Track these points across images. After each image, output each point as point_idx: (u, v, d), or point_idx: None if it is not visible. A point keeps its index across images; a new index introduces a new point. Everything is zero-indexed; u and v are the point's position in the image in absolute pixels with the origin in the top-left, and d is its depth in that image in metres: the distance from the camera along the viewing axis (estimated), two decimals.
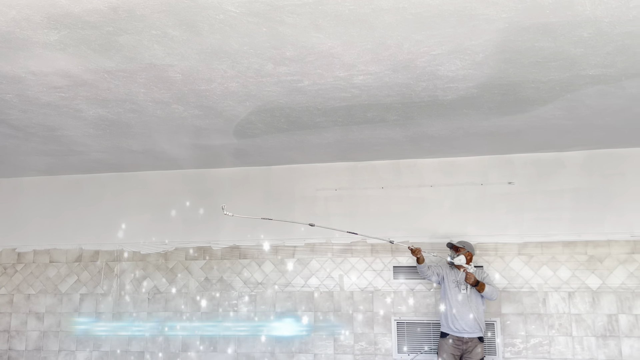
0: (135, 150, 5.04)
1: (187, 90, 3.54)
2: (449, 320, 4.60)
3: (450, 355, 4.55)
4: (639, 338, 4.73)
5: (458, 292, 4.61)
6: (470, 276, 4.54)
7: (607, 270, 4.89)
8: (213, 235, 5.75)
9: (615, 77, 3.39)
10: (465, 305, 4.57)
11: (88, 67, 3.14)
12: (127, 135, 4.55)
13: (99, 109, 3.87)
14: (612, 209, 4.99)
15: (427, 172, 5.40)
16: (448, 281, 4.70)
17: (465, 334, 4.54)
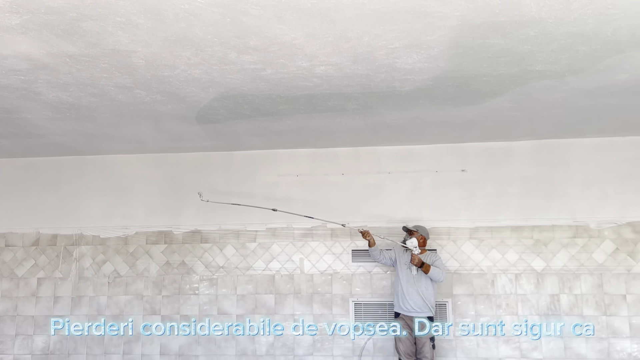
0: (95, 134, 5.01)
1: (150, 76, 3.57)
2: (400, 300, 4.82)
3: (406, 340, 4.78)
4: (578, 316, 5.07)
5: (408, 274, 4.83)
6: (415, 257, 4.74)
7: (551, 254, 5.21)
8: (174, 219, 5.78)
9: (560, 73, 3.62)
10: (413, 286, 4.79)
11: (50, 51, 3.13)
12: (87, 119, 4.52)
13: (59, 92, 3.84)
14: (556, 195, 5.29)
15: (385, 160, 5.57)
16: (400, 263, 4.91)
17: (414, 314, 4.77)
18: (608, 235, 5.14)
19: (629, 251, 5.09)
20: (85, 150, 5.68)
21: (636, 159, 5.21)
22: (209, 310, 5.54)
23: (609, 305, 5.03)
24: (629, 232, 5.12)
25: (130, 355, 5.55)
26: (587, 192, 5.24)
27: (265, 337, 5.41)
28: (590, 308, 5.06)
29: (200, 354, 5.47)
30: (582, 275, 5.11)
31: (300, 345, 5.35)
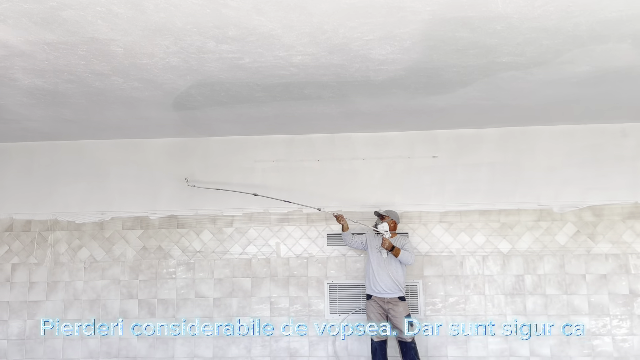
0: (70, 119, 5.00)
1: (128, 64, 3.61)
2: (371, 283, 5.00)
3: (377, 314, 4.96)
4: (541, 295, 5.35)
5: (379, 257, 5.01)
6: (385, 241, 4.93)
7: (517, 236, 5.45)
8: (150, 205, 5.83)
9: (525, 65, 3.80)
10: (384, 268, 4.98)
11: (28, 38, 3.14)
12: (62, 104, 4.52)
13: (35, 79, 3.85)
14: (522, 181, 5.53)
15: (359, 146, 5.71)
16: (371, 247, 5.08)
17: (386, 295, 4.96)
18: (570, 219, 5.40)
19: (589, 233, 5.36)
20: (59, 136, 5.65)
21: (597, 145, 5.47)
22: (187, 294, 5.63)
23: (569, 284, 5.32)
24: (589, 215, 5.39)
25: (107, 339, 5.61)
26: (551, 177, 5.48)
27: (242, 318, 5.53)
28: (552, 287, 5.33)
29: (178, 336, 5.57)
30: (545, 256, 5.38)
31: (276, 327, 5.50)
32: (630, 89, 4.39)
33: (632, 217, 5.34)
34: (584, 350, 5.21)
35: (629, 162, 5.42)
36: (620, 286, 5.26)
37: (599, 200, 5.40)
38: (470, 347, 5.32)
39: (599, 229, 5.35)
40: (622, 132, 5.48)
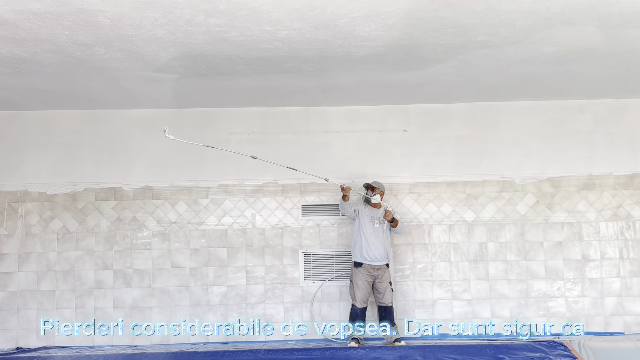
0: (43, 89, 4.92)
1: (113, 35, 3.60)
2: (364, 251, 5.20)
3: (365, 282, 5.18)
4: (502, 261, 5.71)
5: (372, 226, 5.22)
6: (389, 214, 5.16)
7: (481, 206, 5.77)
8: (124, 176, 5.82)
9: (498, 44, 4.02)
10: (377, 237, 5.21)
11: (14, 7, 3.10)
12: (37, 74, 4.46)
13: (14, 47, 3.79)
14: (487, 154, 5.82)
15: (333, 119, 5.85)
16: (363, 216, 5.27)
17: (377, 262, 5.20)
18: (530, 190, 5.76)
19: (547, 203, 5.74)
20: (29, 106, 5.54)
21: (557, 121, 5.81)
22: (162, 264, 5.71)
23: (528, 251, 5.70)
24: (548, 186, 5.76)
25: (83, 309, 5.65)
26: (514, 150, 5.80)
27: (218, 287, 5.68)
28: (512, 254, 5.70)
29: (155, 305, 5.67)
30: (507, 225, 5.73)
31: (252, 294, 5.68)
32: (590, 69, 4.72)
33: (586, 189, 5.74)
34: (539, 311, 5.64)
35: (585, 136, 5.79)
36: (574, 252, 5.68)
37: (557, 172, 5.76)
38: (437, 310, 5.66)
39: (556, 199, 5.73)
40: (580, 109, 5.83)
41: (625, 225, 5.70)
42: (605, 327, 5.61)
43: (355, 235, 5.31)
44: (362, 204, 5.36)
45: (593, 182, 5.74)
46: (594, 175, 5.75)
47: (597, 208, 5.72)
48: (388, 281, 5.21)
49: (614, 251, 5.68)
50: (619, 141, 5.77)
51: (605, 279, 5.66)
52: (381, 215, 5.27)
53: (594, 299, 5.64)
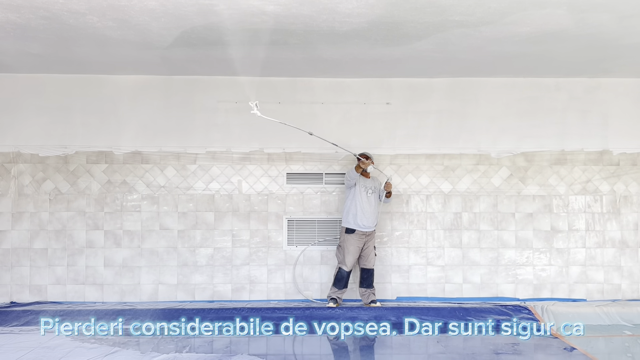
0: (36, 53, 5.04)
1: (106, 5, 3.74)
2: (357, 219, 5.46)
3: (356, 248, 5.48)
4: (475, 230, 6.02)
5: (366, 196, 5.49)
6: (389, 185, 5.47)
7: (457, 178, 6.04)
8: (114, 140, 5.99)
9: (475, 24, 4.21)
10: (370, 206, 5.49)
11: None
12: (31, 39, 4.58)
13: (9, 13, 3.91)
14: (465, 128, 6.06)
15: (319, 91, 6.03)
16: (359, 186, 5.52)
17: (368, 229, 5.51)
18: (505, 163, 6.03)
19: (521, 177, 6.02)
20: (22, 69, 5.65)
21: (533, 98, 6.04)
22: (151, 226, 5.95)
23: (500, 221, 6.01)
24: (522, 160, 6.03)
25: (74, 267, 5.90)
26: (491, 125, 6.04)
27: (205, 249, 5.94)
28: (485, 224, 6.01)
29: (144, 265, 5.93)
30: (482, 196, 6.02)
31: (237, 257, 5.96)
32: (563, 49, 4.93)
33: (558, 163, 6.02)
34: (508, 278, 5.98)
35: (560, 113, 6.04)
36: (544, 223, 6.00)
37: (531, 147, 6.02)
38: (412, 275, 5.98)
39: (529, 173, 6.02)
40: (556, 86, 6.06)
41: (592, 199, 6.01)
42: (569, 293, 5.98)
43: (349, 203, 5.55)
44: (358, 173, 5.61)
45: (565, 158, 6.02)
46: (566, 151, 6.03)
47: (568, 182, 6.02)
48: (373, 246, 5.54)
49: (581, 223, 6.00)
50: (591, 119, 6.03)
51: (572, 249, 6.00)
52: (375, 185, 5.54)
53: (559, 267, 5.99)
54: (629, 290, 5.97)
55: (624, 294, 5.96)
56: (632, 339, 4.74)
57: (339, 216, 5.94)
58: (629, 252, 5.99)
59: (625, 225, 6.00)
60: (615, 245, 5.99)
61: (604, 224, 6.00)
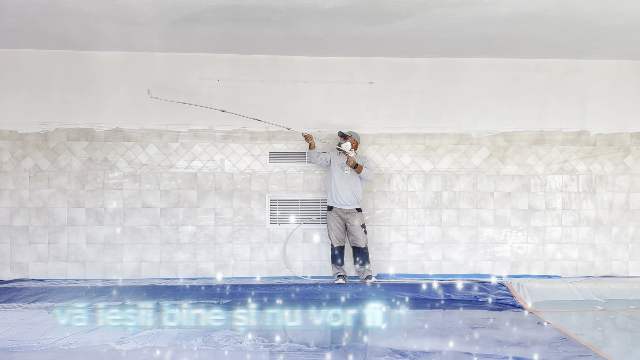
0: (13, 27, 4.94)
1: None
2: (334, 196, 5.56)
3: (337, 224, 5.58)
4: (455, 209, 6.13)
5: (341, 173, 5.54)
6: (350, 159, 5.47)
7: (438, 157, 6.12)
8: (95, 117, 5.93)
9: (457, 3, 4.23)
10: (345, 183, 5.54)
11: None
12: (8, 13, 4.49)
13: None
14: (447, 108, 6.11)
15: (302, 69, 6.02)
16: (334, 164, 5.59)
17: (346, 206, 5.57)
18: (485, 143, 6.11)
19: (500, 156, 6.12)
20: None
21: (513, 78, 6.11)
22: (133, 204, 5.94)
23: (479, 200, 6.12)
24: (501, 140, 6.12)
25: (56, 245, 5.89)
26: (472, 105, 6.11)
27: (188, 227, 5.96)
28: (465, 203, 6.12)
29: (126, 242, 5.94)
30: (462, 175, 6.11)
31: (220, 235, 5.99)
32: (544, 30, 4.98)
33: (536, 144, 6.12)
34: (486, 255, 6.12)
35: (539, 94, 6.12)
36: (522, 202, 6.13)
37: (511, 127, 6.11)
38: (392, 252, 6.08)
39: (509, 152, 6.12)
40: (537, 67, 6.13)
41: (569, 178, 6.14)
42: (545, 270, 6.14)
43: (328, 181, 5.67)
44: (335, 152, 5.66)
45: (543, 138, 6.13)
46: (545, 131, 6.13)
47: (546, 162, 6.13)
48: (360, 224, 5.60)
49: (558, 202, 6.14)
50: (570, 100, 6.13)
51: (548, 227, 6.14)
52: (344, 161, 5.58)
53: (536, 245, 6.14)
54: (602, 267, 6.15)
55: (597, 271, 6.14)
56: (603, 314, 4.91)
57: (321, 195, 6.00)
58: (603, 230, 6.15)
59: (600, 204, 6.15)
60: (590, 224, 6.15)
61: (580, 203, 6.15)
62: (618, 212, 6.16)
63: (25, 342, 3.80)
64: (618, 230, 6.16)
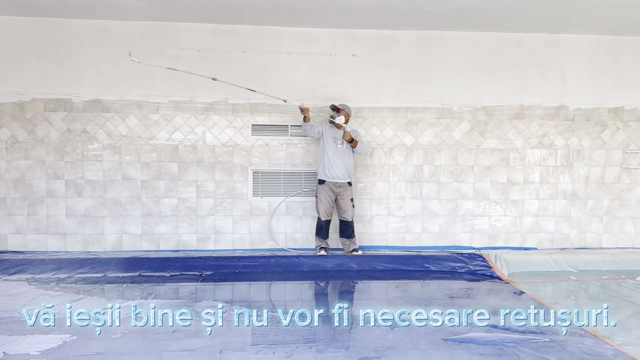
0: None
1: None
2: (326, 169, 5.56)
3: (327, 198, 5.60)
4: (436, 182, 6.20)
5: (334, 147, 5.54)
6: (347, 134, 5.47)
7: (420, 131, 6.16)
8: (73, 88, 5.82)
9: None
10: (339, 157, 5.55)
11: None
12: None
13: None
14: (429, 81, 6.12)
15: (285, 40, 5.95)
16: (327, 137, 5.57)
17: (339, 180, 5.59)
18: (466, 117, 6.16)
19: (481, 130, 6.18)
20: None
21: (495, 52, 6.13)
22: (114, 176, 5.88)
23: (460, 174, 6.20)
24: (482, 114, 6.18)
25: (35, 217, 5.82)
26: (454, 79, 6.13)
27: (169, 199, 5.94)
28: (445, 176, 6.19)
29: (107, 215, 5.90)
30: (443, 149, 6.17)
31: (202, 208, 5.98)
32: (526, 2, 5.00)
33: (516, 118, 6.19)
34: (465, 228, 6.23)
35: (521, 69, 6.17)
36: (501, 176, 6.23)
37: (492, 101, 6.16)
38: (373, 225, 6.16)
39: (489, 127, 6.18)
40: (518, 42, 6.15)
41: (547, 152, 6.24)
42: (522, 242, 6.29)
43: (320, 154, 5.65)
44: (327, 125, 5.65)
45: (523, 112, 6.20)
46: (525, 106, 6.20)
47: (525, 136, 6.22)
48: (350, 198, 5.64)
49: (536, 176, 6.26)
50: (550, 74, 6.19)
51: (526, 200, 6.27)
52: (339, 135, 5.58)
53: (514, 218, 6.27)
54: (577, 239, 6.32)
55: (572, 243, 6.31)
56: (576, 284, 5.07)
57: (304, 168, 6.01)
58: (578, 203, 6.30)
59: (577, 178, 6.28)
60: (566, 197, 6.29)
61: (557, 177, 6.27)
62: (594, 186, 6.30)
63: (6, 313, 3.79)
64: (593, 203, 6.31)
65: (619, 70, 6.22)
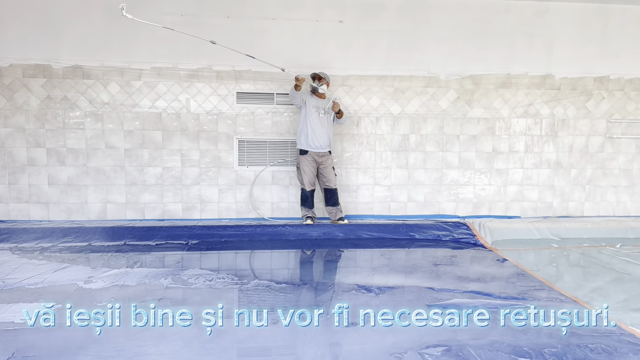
0: None
1: None
2: (309, 139, 5.51)
3: (310, 167, 5.57)
4: (421, 152, 6.20)
5: (317, 116, 5.49)
6: (337, 105, 5.44)
7: (407, 100, 6.12)
8: (52, 53, 5.66)
9: None
10: (322, 127, 5.51)
11: None
12: None
13: None
14: (416, 49, 6.06)
15: (270, 5, 5.82)
16: (309, 106, 5.51)
17: (322, 149, 5.56)
18: (453, 86, 6.13)
19: (467, 99, 6.17)
20: None
21: (482, 20, 6.07)
22: (96, 144, 5.79)
23: (445, 143, 6.21)
24: (469, 83, 6.15)
25: (16, 185, 5.73)
26: (441, 47, 6.07)
27: (153, 168, 5.87)
28: (431, 145, 6.19)
29: (90, 184, 5.82)
30: (429, 119, 6.15)
31: (187, 177, 5.93)
32: None
33: (503, 87, 6.18)
34: (450, 197, 6.28)
35: (508, 37, 6.12)
36: (486, 145, 6.24)
37: (478, 70, 6.13)
38: (359, 194, 6.17)
39: (476, 96, 6.16)
40: (506, 9, 6.09)
41: (533, 122, 6.26)
42: (506, 211, 6.36)
43: (301, 124, 5.58)
44: (308, 94, 5.58)
45: (510, 81, 6.18)
46: (512, 75, 6.18)
47: (511, 105, 6.22)
48: (331, 167, 5.64)
49: (521, 145, 6.29)
50: (537, 43, 6.15)
51: (510, 169, 6.31)
52: (328, 106, 5.53)
53: (498, 187, 6.32)
54: (559, 207, 6.41)
55: (555, 212, 6.40)
56: (558, 251, 5.15)
57: (290, 137, 5.96)
58: (562, 172, 6.36)
59: (561, 147, 6.33)
60: (550, 166, 6.34)
61: (542, 146, 6.31)
62: (577, 155, 6.36)
63: None
64: (576, 172, 6.38)
65: (605, 38, 6.21)
